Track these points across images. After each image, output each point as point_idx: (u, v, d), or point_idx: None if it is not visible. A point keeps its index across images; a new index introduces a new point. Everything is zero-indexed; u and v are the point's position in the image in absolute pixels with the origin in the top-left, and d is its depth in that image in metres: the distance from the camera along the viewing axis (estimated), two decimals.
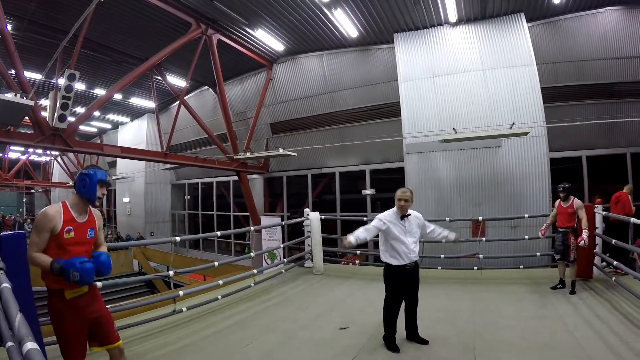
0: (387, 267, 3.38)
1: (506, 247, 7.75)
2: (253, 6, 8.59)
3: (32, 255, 2.09)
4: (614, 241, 4.71)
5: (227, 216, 15.82)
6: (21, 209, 31.34)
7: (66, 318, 2.13)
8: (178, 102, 11.56)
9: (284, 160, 12.73)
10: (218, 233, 6.11)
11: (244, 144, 12.25)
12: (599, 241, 5.22)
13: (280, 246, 7.77)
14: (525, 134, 7.65)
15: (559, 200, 5.03)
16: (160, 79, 12.50)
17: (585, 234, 4.60)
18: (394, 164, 10.83)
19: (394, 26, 9.44)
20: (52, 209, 2.17)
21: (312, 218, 6.71)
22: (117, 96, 14.26)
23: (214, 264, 5.07)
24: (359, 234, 3.33)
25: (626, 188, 6.58)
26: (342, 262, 8.63)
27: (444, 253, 6.55)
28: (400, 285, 3.34)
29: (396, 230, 3.32)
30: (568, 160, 9.25)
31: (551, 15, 8.67)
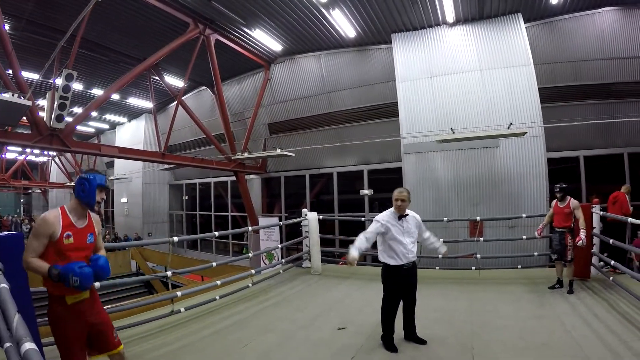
0: (385, 267, 3.38)
1: (504, 247, 7.77)
2: (251, 6, 8.60)
3: (28, 260, 2.06)
4: (611, 241, 4.74)
5: (225, 216, 15.80)
6: (18, 209, 31.20)
7: (67, 323, 2.11)
8: (176, 102, 11.55)
9: (281, 161, 12.73)
10: (216, 233, 6.13)
11: (241, 144, 12.26)
12: (596, 241, 5.26)
13: (278, 246, 7.76)
14: (522, 134, 7.67)
15: (555, 201, 5.06)
16: (158, 79, 12.49)
17: (583, 233, 4.61)
18: (391, 164, 10.84)
19: (392, 26, 9.46)
20: (51, 214, 2.15)
21: (310, 218, 6.71)
22: (115, 96, 14.21)
23: (212, 264, 5.06)
24: (360, 245, 3.28)
25: (624, 188, 6.60)
26: (340, 263, 8.62)
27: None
28: (398, 285, 3.34)
29: (394, 230, 3.32)
30: (566, 161, 9.28)
31: (549, 16, 8.70)
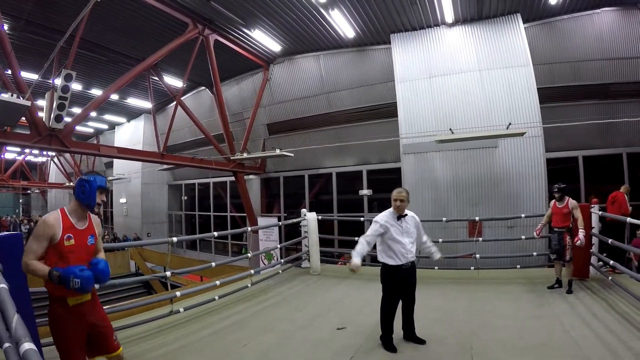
0: (384, 267, 3.39)
1: (503, 247, 7.77)
2: (250, 6, 8.60)
3: (27, 262, 2.04)
4: (610, 241, 4.75)
5: (224, 217, 15.79)
6: (17, 209, 31.12)
7: (68, 324, 2.10)
8: (175, 103, 11.55)
9: (280, 161, 12.73)
10: (215, 234, 6.15)
11: (240, 144, 12.26)
12: (595, 241, 5.26)
13: (277, 247, 7.77)
14: (521, 134, 7.68)
15: (554, 201, 5.07)
16: (157, 79, 12.48)
17: (582, 233, 4.62)
18: (390, 164, 10.83)
19: (391, 27, 9.46)
20: (52, 216, 2.15)
21: (309, 218, 6.72)
22: (114, 96, 14.21)
23: (211, 264, 5.06)
24: (361, 250, 3.30)
25: (623, 188, 6.61)
26: (339, 263, 8.63)
27: (441, 253, 6.52)
28: (397, 285, 3.35)
29: (393, 230, 3.33)
30: (565, 161, 9.29)
31: (547, 16, 8.72)
